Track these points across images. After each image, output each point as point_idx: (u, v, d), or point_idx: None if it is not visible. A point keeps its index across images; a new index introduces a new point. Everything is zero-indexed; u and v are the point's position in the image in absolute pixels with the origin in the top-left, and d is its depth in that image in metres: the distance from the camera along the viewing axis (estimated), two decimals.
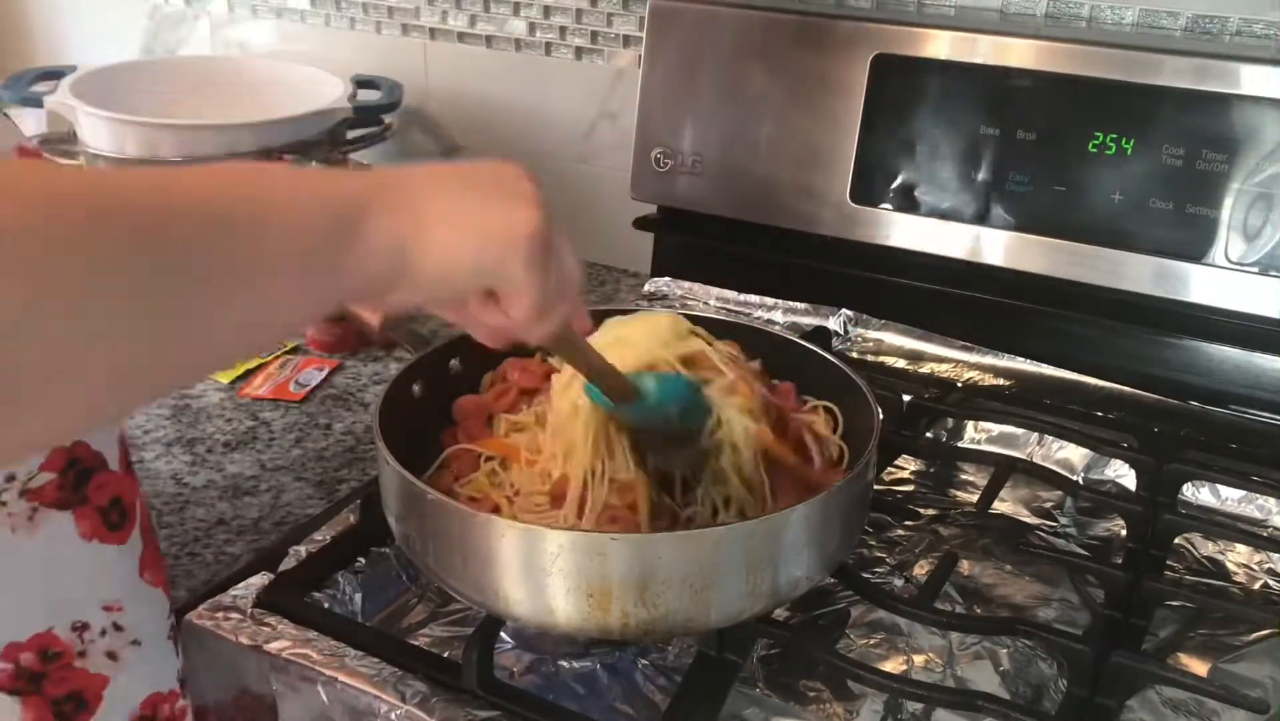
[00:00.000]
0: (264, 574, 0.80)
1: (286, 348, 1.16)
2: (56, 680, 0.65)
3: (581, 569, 0.66)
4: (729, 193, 1.21)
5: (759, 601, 0.70)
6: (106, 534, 0.66)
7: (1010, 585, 0.86)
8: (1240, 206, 0.99)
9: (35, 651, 0.64)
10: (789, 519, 0.70)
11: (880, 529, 0.91)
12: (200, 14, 1.63)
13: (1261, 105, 0.97)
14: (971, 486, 0.98)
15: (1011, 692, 0.75)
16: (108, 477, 0.66)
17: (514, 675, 0.76)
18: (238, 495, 0.93)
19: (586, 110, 1.39)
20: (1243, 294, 1.01)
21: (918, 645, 0.79)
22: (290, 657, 0.72)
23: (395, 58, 1.47)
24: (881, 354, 1.15)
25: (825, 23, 1.14)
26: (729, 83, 1.18)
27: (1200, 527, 0.91)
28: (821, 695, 0.74)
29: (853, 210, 1.15)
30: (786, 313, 1.19)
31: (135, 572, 0.69)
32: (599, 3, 1.34)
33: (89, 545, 0.65)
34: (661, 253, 1.30)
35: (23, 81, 1.33)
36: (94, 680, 0.66)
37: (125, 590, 0.68)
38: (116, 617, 0.67)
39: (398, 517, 0.75)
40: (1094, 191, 1.04)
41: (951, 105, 1.09)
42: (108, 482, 0.66)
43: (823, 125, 1.14)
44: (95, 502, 0.65)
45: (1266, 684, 0.77)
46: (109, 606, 0.67)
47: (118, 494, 0.67)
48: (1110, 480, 0.98)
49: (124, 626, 0.68)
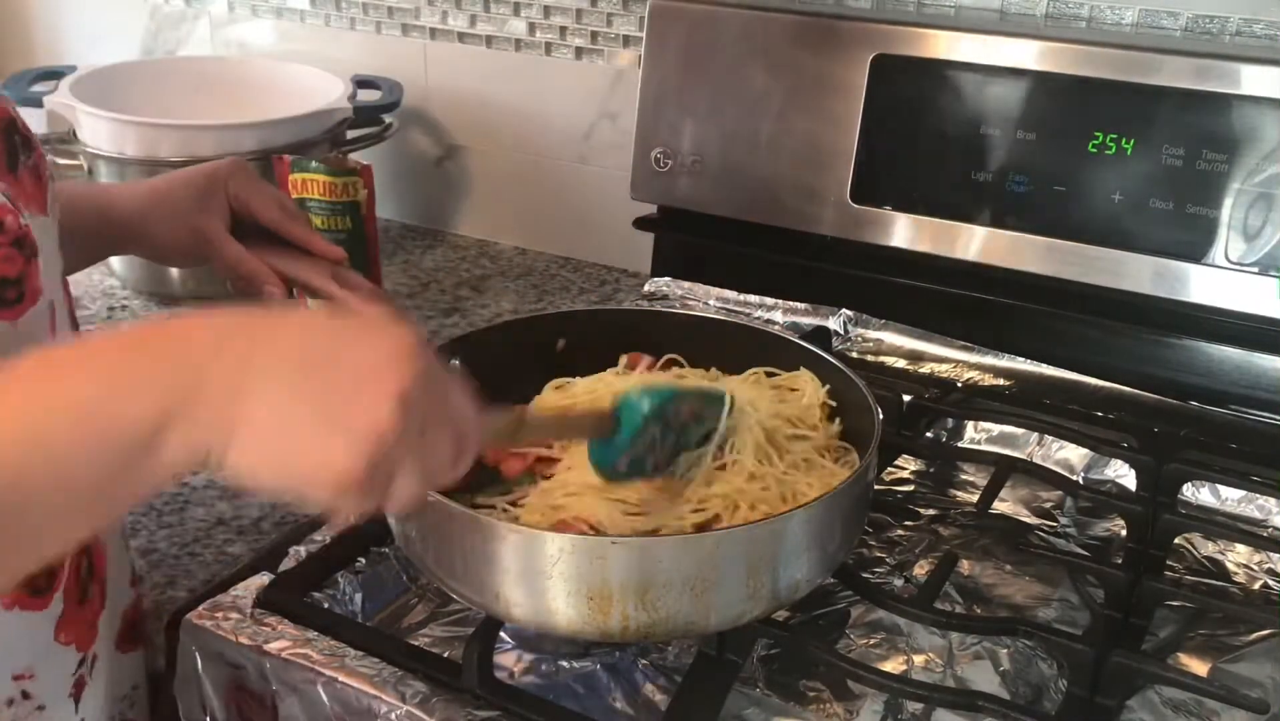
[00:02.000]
0: (264, 574, 0.80)
1: None
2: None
3: (582, 572, 0.66)
4: (729, 193, 1.21)
5: (759, 604, 0.70)
6: (28, 600, 0.64)
7: (1010, 585, 0.86)
8: (1240, 206, 0.99)
9: None
10: (789, 521, 0.70)
11: (880, 529, 0.91)
12: (200, 14, 1.63)
13: (1261, 105, 0.97)
14: (971, 486, 0.98)
15: (1011, 692, 0.75)
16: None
17: (514, 675, 0.76)
18: (238, 495, 0.93)
19: (586, 110, 1.39)
20: (1243, 294, 1.01)
21: (918, 645, 0.79)
22: (290, 657, 0.72)
23: (395, 58, 1.47)
24: (881, 354, 1.15)
25: (825, 23, 1.14)
26: (729, 83, 1.18)
27: (1200, 527, 0.91)
28: (821, 695, 0.74)
29: (853, 210, 1.15)
30: (786, 313, 1.19)
31: (51, 636, 0.67)
32: (599, 3, 1.34)
33: (9, 614, 0.63)
34: (661, 253, 1.30)
35: (23, 81, 1.33)
36: None
37: (38, 655, 0.66)
38: (26, 686, 0.66)
39: (398, 518, 0.75)
40: (1094, 191, 1.04)
41: (951, 105, 1.09)
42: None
43: (823, 125, 1.14)
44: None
45: (1266, 684, 0.77)
46: (19, 675, 0.65)
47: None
48: (1110, 480, 0.98)
49: (32, 694, 0.66)
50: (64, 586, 0.67)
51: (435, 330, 1.08)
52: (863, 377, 0.83)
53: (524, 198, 1.46)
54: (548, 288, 1.36)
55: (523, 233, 1.47)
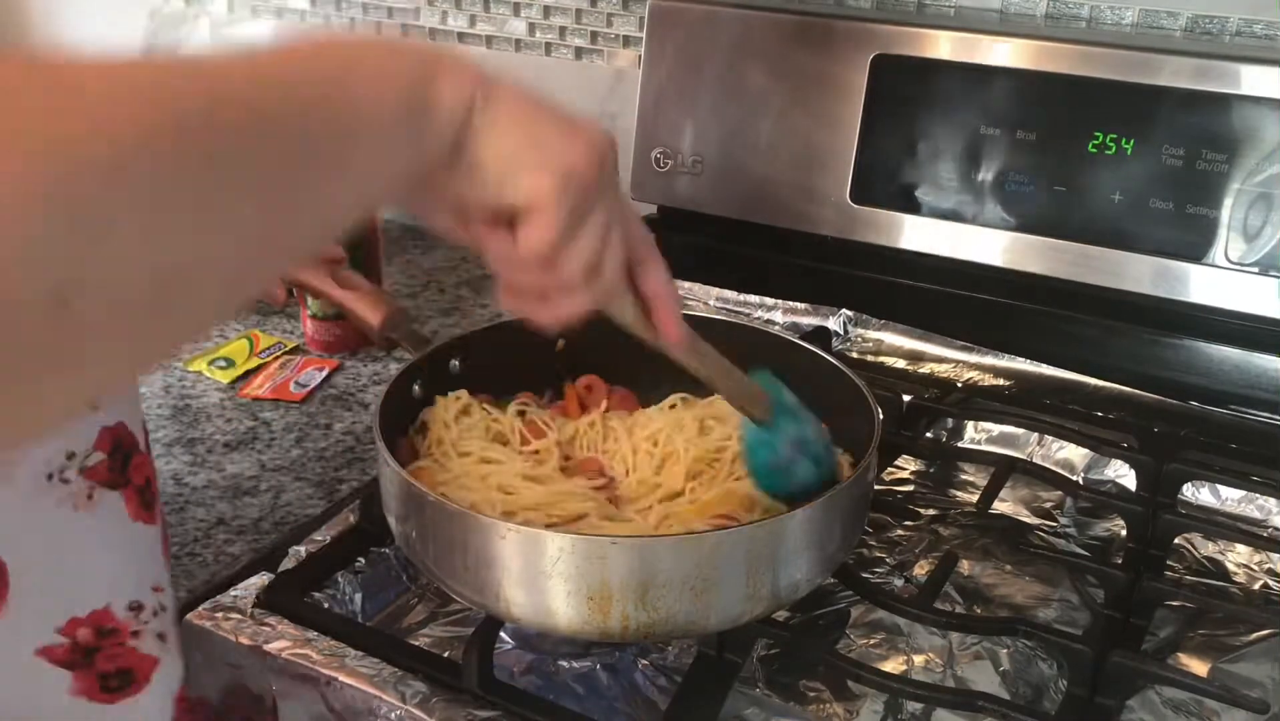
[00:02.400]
0: (264, 574, 0.80)
1: (287, 347, 1.16)
2: (109, 655, 0.65)
3: (582, 572, 0.66)
4: (729, 193, 1.21)
5: (759, 604, 0.70)
6: (142, 513, 0.66)
7: (1010, 585, 0.86)
8: (1240, 206, 0.99)
9: (92, 627, 0.64)
10: (789, 522, 0.70)
11: (880, 529, 0.91)
12: (200, 14, 1.63)
13: (1261, 105, 0.97)
14: (971, 486, 0.98)
15: (1011, 692, 0.75)
16: (141, 459, 0.66)
17: (514, 675, 0.76)
18: (238, 495, 0.93)
19: (586, 110, 1.38)
20: (1243, 294, 1.01)
21: (918, 645, 0.79)
22: (290, 657, 0.72)
23: None
24: (881, 354, 1.15)
25: (825, 23, 1.14)
26: (729, 83, 1.18)
27: (1200, 527, 0.91)
28: (821, 695, 0.74)
29: (853, 210, 1.15)
30: (786, 313, 1.19)
31: (164, 555, 0.69)
32: (599, 3, 1.34)
33: (135, 526, 0.66)
34: (661, 252, 1.30)
35: None
36: (145, 660, 0.67)
37: (163, 572, 0.68)
38: (162, 599, 0.68)
39: (398, 518, 0.75)
40: (1094, 191, 1.04)
41: (951, 105, 1.09)
42: (141, 464, 0.66)
43: (823, 125, 1.14)
44: (135, 483, 0.66)
45: (1266, 684, 0.77)
46: (156, 587, 0.67)
47: (148, 475, 0.67)
48: (1110, 480, 0.98)
49: (167, 607, 0.68)
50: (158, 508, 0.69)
51: (435, 330, 1.08)
52: (863, 377, 0.84)
53: None
54: None
55: None
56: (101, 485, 0.63)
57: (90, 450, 0.62)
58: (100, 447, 0.63)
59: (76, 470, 0.62)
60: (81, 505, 0.63)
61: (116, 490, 0.64)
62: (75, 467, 0.62)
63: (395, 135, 0.49)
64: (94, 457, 0.63)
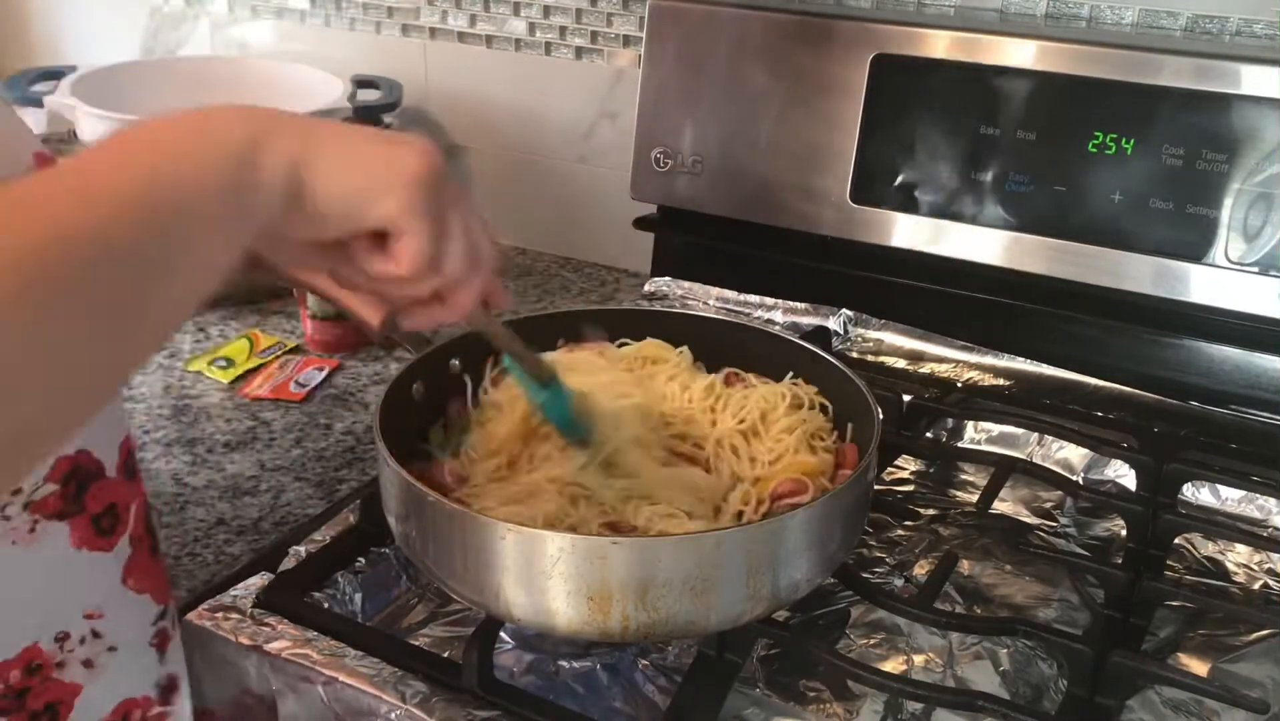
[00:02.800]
0: (264, 574, 0.80)
1: (287, 347, 1.16)
2: (38, 693, 0.64)
3: (582, 572, 0.66)
4: (729, 193, 1.21)
5: (759, 604, 0.70)
6: (95, 540, 0.65)
7: (1010, 585, 0.86)
8: (1240, 206, 0.99)
9: (21, 667, 0.63)
10: (789, 521, 0.70)
11: (880, 529, 0.91)
12: (200, 14, 1.63)
13: (1261, 105, 0.97)
14: (971, 486, 0.98)
15: (1011, 692, 0.75)
16: (105, 485, 0.65)
17: (514, 675, 0.76)
18: (238, 495, 0.93)
19: (586, 110, 1.39)
20: (1243, 294, 1.01)
21: (918, 645, 0.79)
22: (290, 657, 0.72)
23: (395, 58, 1.47)
24: (881, 354, 1.15)
25: (825, 23, 1.13)
26: (729, 83, 1.18)
27: (1200, 527, 0.91)
28: (821, 695, 0.74)
29: (853, 210, 1.15)
30: (786, 313, 1.19)
31: (118, 580, 0.68)
32: (599, 3, 1.34)
33: (77, 553, 0.64)
34: (661, 253, 1.30)
35: (23, 81, 1.33)
36: (68, 689, 0.65)
37: (107, 596, 0.67)
38: (96, 625, 0.66)
39: (398, 518, 0.75)
40: (1094, 191, 1.04)
41: (951, 105, 1.09)
42: (104, 490, 0.65)
43: (823, 125, 1.14)
44: (90, 511, 0.65)
45: (1266, 684, 0.77)
46: (90, 614, 0.66)
47: (113, 500, 0.66)
48: (1110, 480, 0.98)
49: (102, 633, 0.67)
50: (130, 532, 0.68)
51: (435, 330, 1.08)
52: (863, 377, 0.83)
53: (524, 197, 1.46)
54: (548, 287, 1.36)
55: (523, 232, 1.47)
56: (48, 517, 0.62)
57: (39, 484, 0.61)
58: (51, 479, 0.62)
59: (21, 506, 0.61)
60: (22, 540, 0.61)
61: (64, 520, 0.63)
62: (19, 504, 0.61)
63: (225, 216, 0.49)
64: (43, 490, 0.62)
